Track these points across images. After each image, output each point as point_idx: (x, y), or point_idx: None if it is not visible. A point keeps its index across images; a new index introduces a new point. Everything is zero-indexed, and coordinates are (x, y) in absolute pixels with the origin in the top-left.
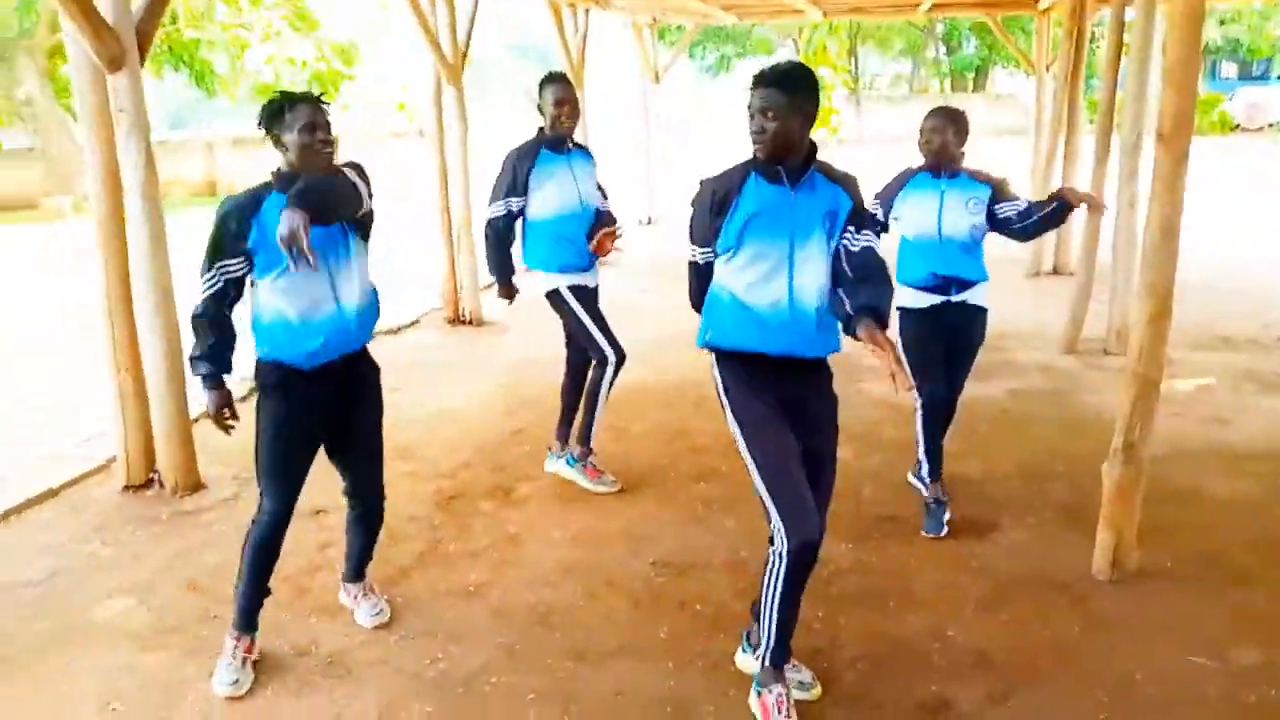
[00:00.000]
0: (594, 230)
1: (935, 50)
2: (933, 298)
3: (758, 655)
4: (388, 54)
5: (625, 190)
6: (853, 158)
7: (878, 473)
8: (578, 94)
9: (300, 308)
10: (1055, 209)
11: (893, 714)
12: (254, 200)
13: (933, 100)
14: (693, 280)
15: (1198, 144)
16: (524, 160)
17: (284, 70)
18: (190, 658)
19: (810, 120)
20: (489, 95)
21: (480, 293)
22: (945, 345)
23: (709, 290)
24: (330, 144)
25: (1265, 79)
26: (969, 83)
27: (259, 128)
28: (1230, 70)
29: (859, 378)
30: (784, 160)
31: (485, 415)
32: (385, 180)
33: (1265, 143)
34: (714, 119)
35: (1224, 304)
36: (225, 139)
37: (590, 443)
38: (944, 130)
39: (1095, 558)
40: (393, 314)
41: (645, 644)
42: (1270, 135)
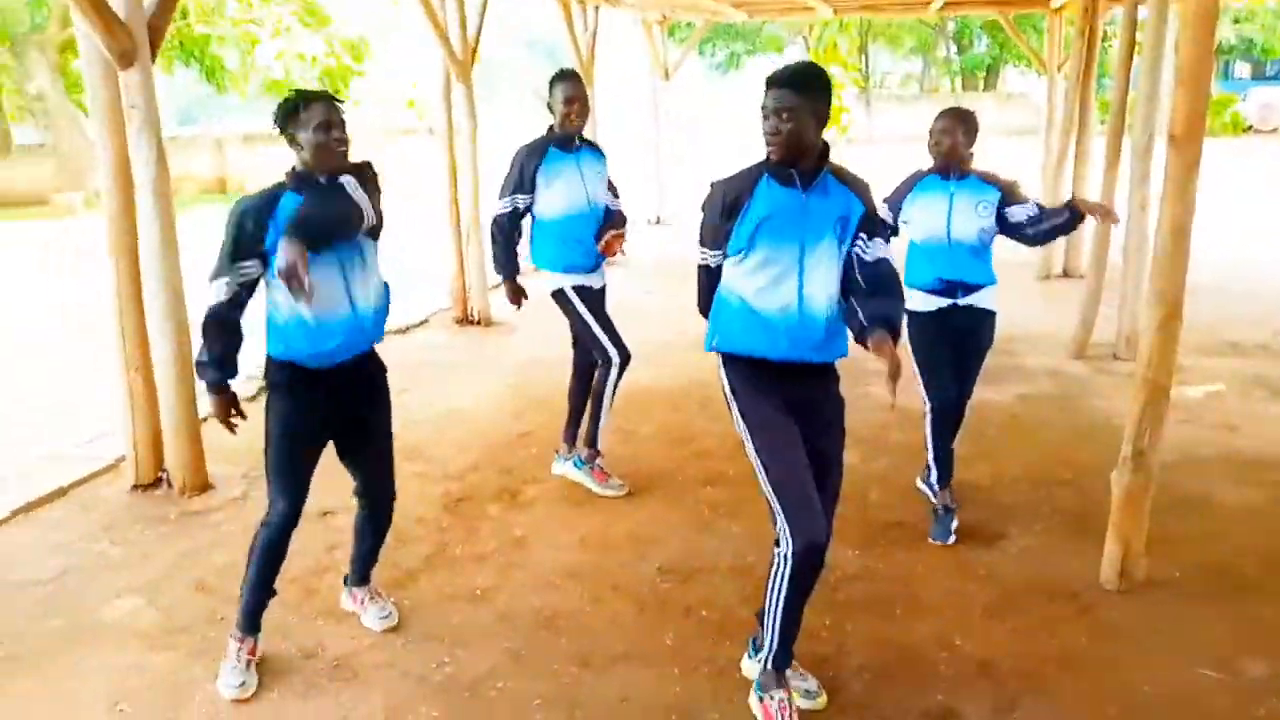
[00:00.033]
0: (603, 230)
1: (946, 49)
2: (940, 301)
3: (760, 658)
4: (398, 50)
5: (635, 188)
6: (863, 157)
7: (884, 477)
8: (587, 91)
9: (316, 309)
10: (1066, 218)
11: None
12: (269, 201)
13: (943, 99)
14: (702, 283)
15: (1210, 145)
16: (532, 157)
17: (294, 66)
18: (197, 658)
19: (823, 121)
20: (497, 95)
21: (489, 292)
22: (953, 349)
23: (717, 294)
24: (345, 142)
25: (1279, 79)
26: (980, 82)
27: (274, 126)
28: (1244, 70)
29: (866, 381)
30: (798, 162)
31: (493, 416)
32: (395, 178)
33: (1278, 144)
34: (724, 116)
35: (1235, 306)
36: (235, 135)
37: (598, 444)
38: (953, 132)
39: (1103, 567)
40: (402, 313)
41: (651, 650)
42: None
